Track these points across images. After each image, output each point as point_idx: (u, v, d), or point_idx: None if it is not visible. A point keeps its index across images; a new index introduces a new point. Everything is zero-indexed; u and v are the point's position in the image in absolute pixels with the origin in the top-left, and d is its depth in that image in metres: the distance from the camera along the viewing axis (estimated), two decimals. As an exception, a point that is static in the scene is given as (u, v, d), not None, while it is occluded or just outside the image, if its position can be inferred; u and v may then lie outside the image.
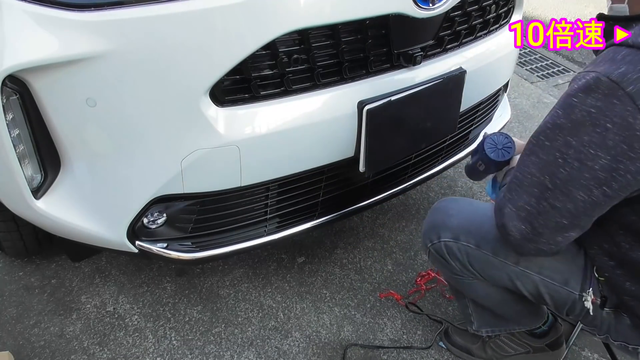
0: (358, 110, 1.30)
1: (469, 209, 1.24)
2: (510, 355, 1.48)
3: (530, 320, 1.40)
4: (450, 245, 1.20)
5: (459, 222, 1.21)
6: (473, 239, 1.17)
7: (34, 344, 1.54)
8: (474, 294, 1.31)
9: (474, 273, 1.22)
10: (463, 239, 1.18)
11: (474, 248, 1.17)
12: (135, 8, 1.03)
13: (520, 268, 1.14)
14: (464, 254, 1.19)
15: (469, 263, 1.20)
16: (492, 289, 1.25)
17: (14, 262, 1.79)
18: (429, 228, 1.26)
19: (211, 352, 1.54)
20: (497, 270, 1.17)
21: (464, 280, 1.27)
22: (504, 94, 2.01)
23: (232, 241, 1.40)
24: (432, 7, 1.30)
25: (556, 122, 0.92)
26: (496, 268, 1.17)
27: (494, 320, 1.40)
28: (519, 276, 1.15)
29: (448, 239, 1.20)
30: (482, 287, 1.26)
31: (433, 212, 1.28)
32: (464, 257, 1.20)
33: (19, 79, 1.07)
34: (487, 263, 1.17)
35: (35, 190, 1.23)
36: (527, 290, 1.17)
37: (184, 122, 1.15)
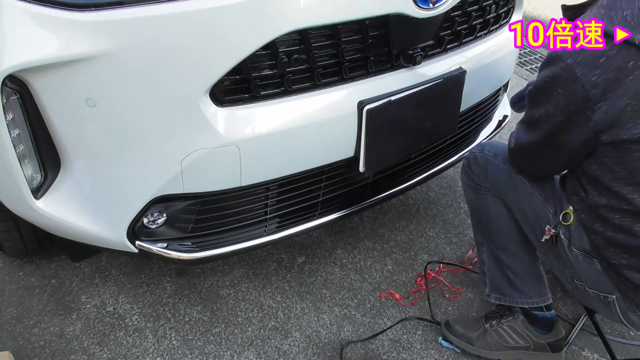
0: (358, 110, 1.30)
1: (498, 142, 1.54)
2: (510, 346, 1.48)
3: (534, 290, 1.45)
4: (477, 154, 1.48)
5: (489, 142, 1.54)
6: (493, 149, 1.44)
7: (34, 344, 1.54)
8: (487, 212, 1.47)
9: (488, 180, 1.44)
10: (487, 149, 1.46)
11: (492, 156, 1.43)
12: (135, 8, 1.03)
13: (520, 177, 1.36)
14: (483, 161, 1.45)
15: (486, 168, 1.44)
16: (503, 210, 1.43)
17: (14, 262, 1.80)
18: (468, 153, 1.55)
19: (211, 352, 1.54)
20: (503, 177, 1.40)
21: (481, 192, 1.46)
22: (504, 94, 2.01)
23: (232, 241, 1.40)
24: (432, 7, 1.30)
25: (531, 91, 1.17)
26: (502, 174, 1.40)
27: (502, 284, 1.48)
28: (517, 185, 1.37)
29: (477, 150, 1.49)
30: (495, 204, 1.44)
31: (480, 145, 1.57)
32: (484, 162, 1.44)
33: (19, 79, 1.07)
34: (498, 169, 1.41)
35: (35, 190, 1.23)
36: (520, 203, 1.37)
37: (184, 122, 1.15)
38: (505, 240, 1.46)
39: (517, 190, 1.37)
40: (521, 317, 1.48)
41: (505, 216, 1.44)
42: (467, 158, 1.52)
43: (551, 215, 1.29)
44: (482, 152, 1.47)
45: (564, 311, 1.68)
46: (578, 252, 1.23)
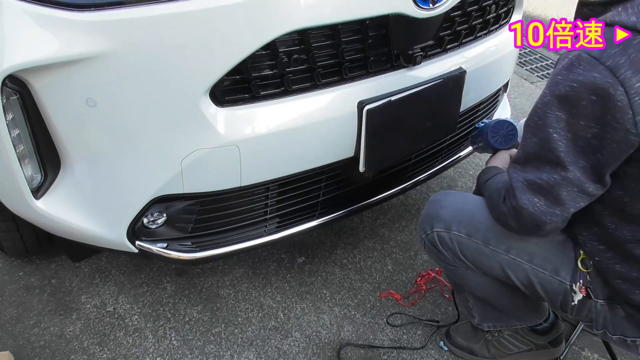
0: (358, 110, 1.30)
1: (461, 201, 1.27)
2: (513, 353, 1.48)
3: (531, 316, 1.40)
4: (443, 235, 1.23)
5: (450, 212, 1.24)
6: (464, 228, 1.20)
7: (34, 344, 1.54)
8: (470, 285, 1.33)
9: (466, 263, 1.24)
10: (455, 228, 1.21)
11: (465, 237, 1.20)
12: (135, 8, 1.03)
13: (511, 256, 1.16)
14: (455, 244, 1.22)
15: (461, 252, 1.23)
16: (487, 279, 1.27)
17: (14, 262, 1.80)
18: (423, 220, 1.30)
19: (211, 352, 1.54)
20: (488, 259, 1.20)
21: (457, 270, 1.29)
22: (504, 94, 2.01)
23: (232, 241, 1.40)
24: (432, 7, 1.30)
25: (544, 101, 0.97)
26: (487, 257, 1.19)
27: (494, 314, 1.40)
28: (510, 265, 1.17)
29: (440, 229, 1.23)
30: (476, 277, 1.28)
31: (428, 205, 1.31)
32: (456, 246, 1.22)
33: (19, 79, 1.07)
34: (478, 252, 1.20)
35: (35, 190, 1.23)
36: (519, 281, 1.19)
37: (184, 122, 1.15)
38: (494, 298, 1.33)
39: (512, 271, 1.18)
40: None
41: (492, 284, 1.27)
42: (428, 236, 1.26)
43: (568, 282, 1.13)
44: (448, 231, 1.22)
45: (564, 311, 1.68)
46: (602, 301, 1.11)
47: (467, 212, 1.22)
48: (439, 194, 1.33)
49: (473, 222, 1.20)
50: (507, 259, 1.17)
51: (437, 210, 1.26)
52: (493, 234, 1.17)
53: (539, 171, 1.01)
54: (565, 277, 1.13)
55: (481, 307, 1.40)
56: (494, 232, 1.17)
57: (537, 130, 1.00)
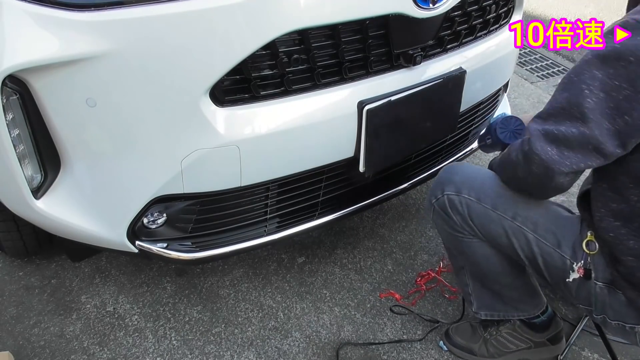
0: (358, 110, 1.30)
1: (473, 170, 1.31)
2: (512, 351, 1.48)
3: (529, 305, 1.40)
4: (453, 198, 1.25)
5: (462, 178, 1.27)
6: (475, 192, 1.23)
7: (34, 344, 1.54)
8: (472, 257, 1.33)
9: (473, 228, 1.26)
10: (465, 192, 1.24)
11: (474, 201, 1.23)
12: (135, 8, 1.03)
13: (517, 223, 1.19)
14: (464, 207, 1.24)
15: (469, 216, 1.25)
16: (490, 251, 1.28)
17: (14, 262, 1.79)
18: (435, 186, 1.32)
19: (211, 352, 1.54)
20: (495, 225, 1.22)
21: (463, 238, 1.30)
22: (504, 94, 2.01)
23: (232, 241, 1.40)
24: (432, 7, 1.30)
25: (585, 59, 0.99)
26: (494, 222, 1.22)
27: (492, 301, 1.41)
28: (515, 232, 1.20)
29: (451, 192, 1.26)
30: (481, 248, 1.29)
31: (440, 173, 1.34)
32: (465, 209, 1.24)
33: (19, 79, 1.07)
34: (486, 217, 1.22)
35: (35, 190, 1.23)
36: (522, 250, 1.21)
37: (184, 122, 1.15)
38: (495, 276, 1.35)
39: (517, 239, 1.20)
40: (518, 322, 1.46)
41: (494, 257, 1.29)
42: (438, 200, 1.29)
43: (568, 257, 1.16)
44: (459, 194, 1.25)
45: (564, 311, 1.68)
46: (602, 285, 1.13)
47: (478, 179, 1.26)
48: (452, 165, 1.36)
49: (483, 188, 1.23)
50: (513, 226, 1.20)
51: (450, 176, 1.29)
52: (502, 200, 1.21)
53: (559, 124, 1.03)
54: (566, 252, 1.16)
55: (480, 292, 1.41)
56: (503, 199, 1.20)
57: (570, 86, 1.01)
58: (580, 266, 1.14)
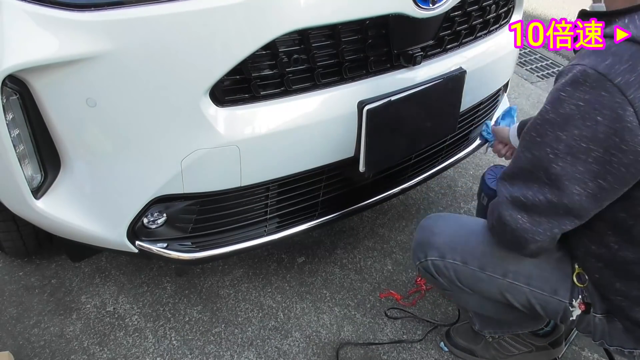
0: (358, 110, 1.30)
1: (454, 226, 1.24)
2: (513, 354, 1.48)
3: (532, 323, 1.40)
4: (437, 263, 1.21)
5: (444, 239, 1.21)
6: (459, 255, 1.18)
7: (34, 344, 1.54)
8: (469, 305, 1.34)
9: (463, 289, 1.23)
10: (449, 256, 1.19)
11: (460, 265, 1.17)
12: (135, 8, 1.03)
13: (509, 280, 1.13)
14: (451, 271, 1.20)
15: (457, 279, 1.21)
16: (485, 300, 1.26)
17: (14, 262, 1.79)
18: (416, 246, 1.27)
19: (211, 352, 1.54)
20: (486, 285, 1.18)
21: (454, 294, 1.29)
22: (504, 94, 2.01)
23: (232, 241, 1.40)
24: (432, 7, 1.30)
25: (545, 118, 0.91)
26: (485, 282, 1.17)
27: (495, 323, 1.41)
28: (508, 289, 1.15)
29: (435, 257, 1.21)
30: (475, 300, 1.28)
31: (419, 230, 1.28)
32: (452, 274, 1.20)
33: (19, 79, 1.07)
34: (475, 278, 1.18)
35: (35, 190, 1.23)
36: (518, 302, 1.17)
37: (184, 122, 1.15)
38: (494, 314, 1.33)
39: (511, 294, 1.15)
40: None
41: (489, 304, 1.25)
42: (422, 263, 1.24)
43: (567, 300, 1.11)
44: (443, 259, 1.19)
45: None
46: (600, 316, 1.10)
47: (461, 238, 1.19)
48: (429, 219, 1.29)
49: (467, 248, 1.17)
50: (505, 283, 1.14)
51: (429, 237, 1.23)
52: (489, 259, 1.14)
53: (526, 188, 0.96)
54: (564, 296, 1.11)
55: (482, 318, 1.41)
56: (490, 257, 1.14)
57: (532, 147, 0.94)
58: (580, 301, 1.10)
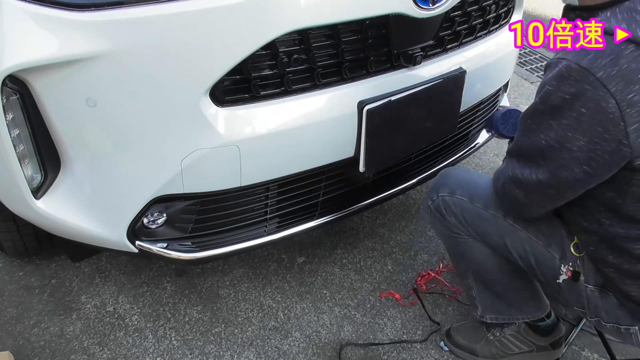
0: (358, 110, 1.30)
1: (466, 172, 1.39)
2: (514, 353, 1.48)
3: (532, 307, 1.41)
4: (447, 199, 1.29)
5: (455, 180, 1.32)
6: (467, 193, 1.27)
7: (34, 344, 1.54)
8: (472, 257, 1.35)
9: (467, 228, 1.29)
10: (458, 193, 1.28)
11: (467, 201, 1.26)
12: (135, 8, 1.03)
13: (509, 222, 1.21)
14: (458, 207, 1.28)
15: (463, 216, 1.28)
16: (488, 250, 1.30)
17: (14, 262, 1.79)
18: (431, 189, 1.36)
19: (211, 352, 1.54)
20: (488, 224, 1.25)
21: (459, 239, 1.32)
22: (504, 94, 2.01)
23: (232, 241, 1.40)
24: (432, 7, 1.30)
25: (537, 109, 1.00)
26: (487, 222, 1.25)
27: (497, 305, 1.41)
28: (508, 231, 1.22)
29: (445, 194, 1.30)
30: (477, 247, 1.31)
31: (436, 178, 1.39)
32: (459, 210, 1.28)
33: (19, 79, 1.07)
34: (479, 217, 1.25)
35: (35, 190, 1.23)
36: (515, 249, 1.23)
37: (184, 122, 1.15)
38: (495, 277, 1.36)
39: (509, 238, 1.22)
40: (523, 325, 1.46)
41: (492, 257, 1.31)
42: (434, 202, 1.32)
43: (558, 257, 1.17)
44: (452, 195, 1.28)
45: (564, 311, 1.68)
46: (593, 287, 1.14)
47: (471, 180, 1.31)
48: (447, 168, 1.41)
49: (476, 188, 1.27)
50: (505, 225, 1.22)
51: (444, 179, 1.35)
52: (493, 199, 1.23)
53: (525, 167, 1.06)
54: (555, 252, 1.18)
55: (483, 295, 1.41)
56: (494, 198, 1.22)
57: (530, 133, 1.03)
58: (568, 268, 1.16)
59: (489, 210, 1.23)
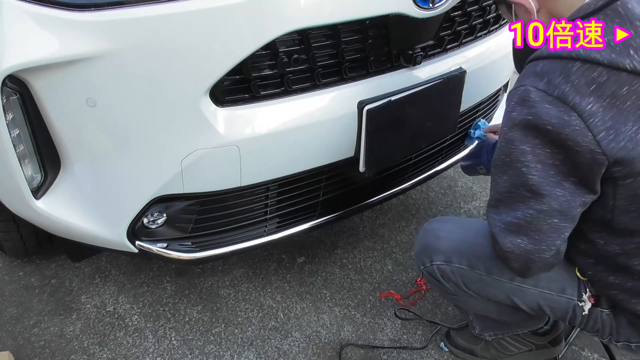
0: (358, 110, 1.30)
1: (459, 230, 1.25)
2: (514, 354, 1.48)
3: (532, 323, 1.40)
4: (443, 268, 1.21)
5: (449, 244, 1.22)
6: (465, 260, 1.18)
7: (34, 344, 1.54)
8: (472, 308, 1.34)
9: (468, 292, 1.24)
10: (455, 261, 1.19)
11: (467, 269, 1.18)
12: (135, 8, 1.03)
13: (516, 284, 1.15)
14: (457, 276, 1.20)
15: (464, 284, 1.21)
16: (490, 303, 1.26)
17: (14, 262, 1.80)
18: (421, 250, 1.27)
19: (211, 352, 1.54)
20: (493, 289, 1.18)
21: (459, 298, 1.29)
22: (504, 94, 2.01)
23: (232, 241, 1.40)
24: (432, 7, 1.30)
25: (506, 138, 0.98)
26: (492, 287, 1.18)
27: (496, 325, 1.41)
28: (516, 292, 1.16)
29: (440, 262, 1.21)
30: (479, 303, 1.28)
31: (423, 234, 1.29)
32: (458, 279, 1.21)
33: (19, 79, 1.07)
34: (482, 282, 1.18)
35: (35, 190, 1.23)
36: (526, 305, 1.18)
37: (184, 122, 1.15)
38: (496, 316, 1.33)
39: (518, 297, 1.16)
40: None
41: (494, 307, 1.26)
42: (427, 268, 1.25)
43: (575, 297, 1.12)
44: (449, 264, 1.19)
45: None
46: (607, 311, 1.12)
47: (467, 242, 1.20)
48: (433, 222, 1.30)
49: (473, 252, 1.17)
50: (512, 287, 1.15)
51: (434, 241, 1.24)
52: (495, 262, 1.13)
53: (514, 210, 1.00)
54: (572, 294, 1.13)
55: (482, 321, 1.41)
56: (496, 261, 1.12)
57: (506, 168, 0.99)
58: (589, 294, 1.11)
59: (493, 275, 1.16)
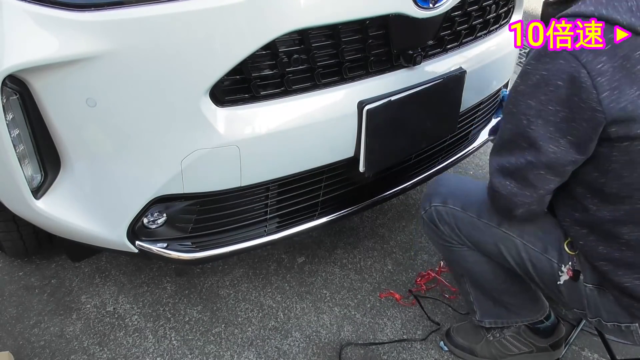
0: (358, 110, 1.30)
1: (459, 180, 1.40)
2: (514, 354, 1.48)
3: (531, 310, 1.41)
4: (440, 209, 1.30)
5: (447, 189, 1.33)
6: (460, 202, 1.28)
7: (34, 344, 1.54)
8: (467, 266, 1.35)
9: (461, 237, 1.29)
10: (450, 202, 1.29)
11: (460, 210, 1.27)
12: (135, 8, 1.03)
13: (503, 230, 1.22)
14: (451, 217, 1.29)
15: (456, 226, 1.28)
16: (483, 258, 1.30)
17: (14, 262, 1.79)
18: (424, 198, 1.37)
19: (211, 352, 1.54)
20: (482, 233, 1.25)
21: (453, 247, 1.33)
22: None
23: (232, 241, 1.40)
24: (432, 7, 1.30)
25: (517, 90, 1.04)
26: (481, 231, 1.25)
27: (495, 310, 1.41)
28: (502, 239, 1.22)
29: (438, 203, 1.31)
30: (472, 256, 1.32)
31: (427, 186, 1.40)
32: (452, 219, 1.29)
33: (19, 79, 1.07)
34: (472, 225, 1.26)
35: (35, 190, 1.23)
36: (511, 256, 1.23)
37: (184, 122, 1.15)
38: (492, 283, 1.36)
39: (504, 246, 1.22)
40: (523, 326, 1.46)
41: (487, 264, 1.31)
42: (427, 212, 1.33)
43: (556, 260, 1.17)
44: (444, 205, 1.29)
45: (564, 311, 1.68)
46: (591, 286, 1.14)
47: (463, 189, 1.32)
48: (439, 176, 1.41)
49: (468, 197, 1.28)
50: (499, 233, 1.22)
51: (436, 187, 1.35)
52: (486, 207, 1.22)
53: (510, 155, 1.08)
54: (553, 256, 1.18)
55: (481, 300, 1.42)
56: (487, 206, 1.22)
57: (511, 118, 1.06)
58: (569, 268, 1.16)
59: (483, 219, 1.24)
